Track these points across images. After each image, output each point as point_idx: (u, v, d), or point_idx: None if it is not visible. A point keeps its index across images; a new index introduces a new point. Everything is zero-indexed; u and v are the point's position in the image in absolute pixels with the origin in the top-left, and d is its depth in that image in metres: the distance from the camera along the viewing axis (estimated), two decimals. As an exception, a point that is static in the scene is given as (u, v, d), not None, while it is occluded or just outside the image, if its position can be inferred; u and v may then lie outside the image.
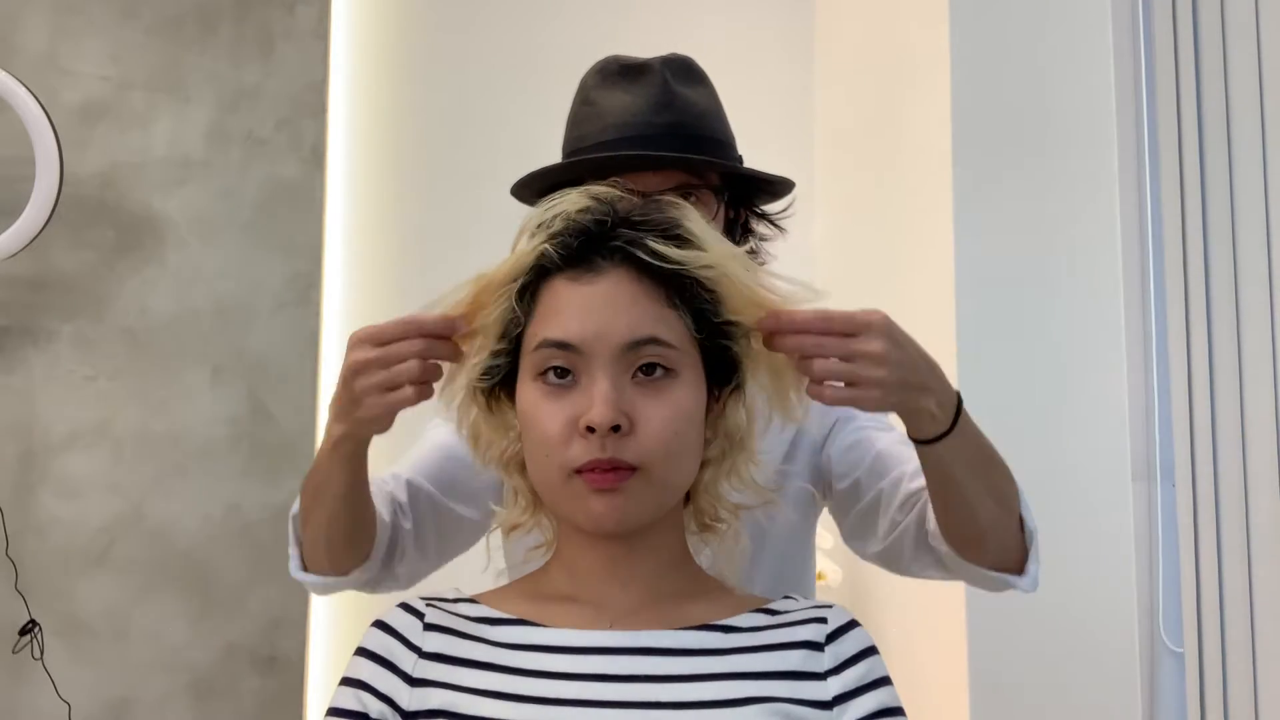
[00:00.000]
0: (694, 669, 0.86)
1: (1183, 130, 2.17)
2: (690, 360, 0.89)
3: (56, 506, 2.16)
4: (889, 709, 0.87)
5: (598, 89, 1.29)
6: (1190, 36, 2.17)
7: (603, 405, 0.84)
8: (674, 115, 1.23)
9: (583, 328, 0.86)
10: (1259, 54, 2.05)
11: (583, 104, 1.30)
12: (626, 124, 1.24)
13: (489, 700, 0.85)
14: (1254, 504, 1.99)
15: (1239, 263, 2.06)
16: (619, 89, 1.27)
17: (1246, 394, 2.02)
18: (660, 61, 1.27)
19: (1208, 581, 2.05)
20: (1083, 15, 2.29)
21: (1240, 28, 2.08)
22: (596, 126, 1.26)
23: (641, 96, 1.25)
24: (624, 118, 1.24)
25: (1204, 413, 2.08)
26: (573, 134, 1.29)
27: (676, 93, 1.25)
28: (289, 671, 2.23)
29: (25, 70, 2.13)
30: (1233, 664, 2.00)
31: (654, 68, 1.26)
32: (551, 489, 0.89)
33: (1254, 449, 2.00)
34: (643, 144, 1.22)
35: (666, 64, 1.27)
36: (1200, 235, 2.12)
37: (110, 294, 2.22)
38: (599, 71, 1.31)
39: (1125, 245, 2.25)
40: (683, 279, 0.88)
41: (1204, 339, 2.10)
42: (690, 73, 1.29)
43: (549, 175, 1.25)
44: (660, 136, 1.22)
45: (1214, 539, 2.05)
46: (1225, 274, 2.08)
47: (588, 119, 1.28)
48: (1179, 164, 2.17)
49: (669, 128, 1.23)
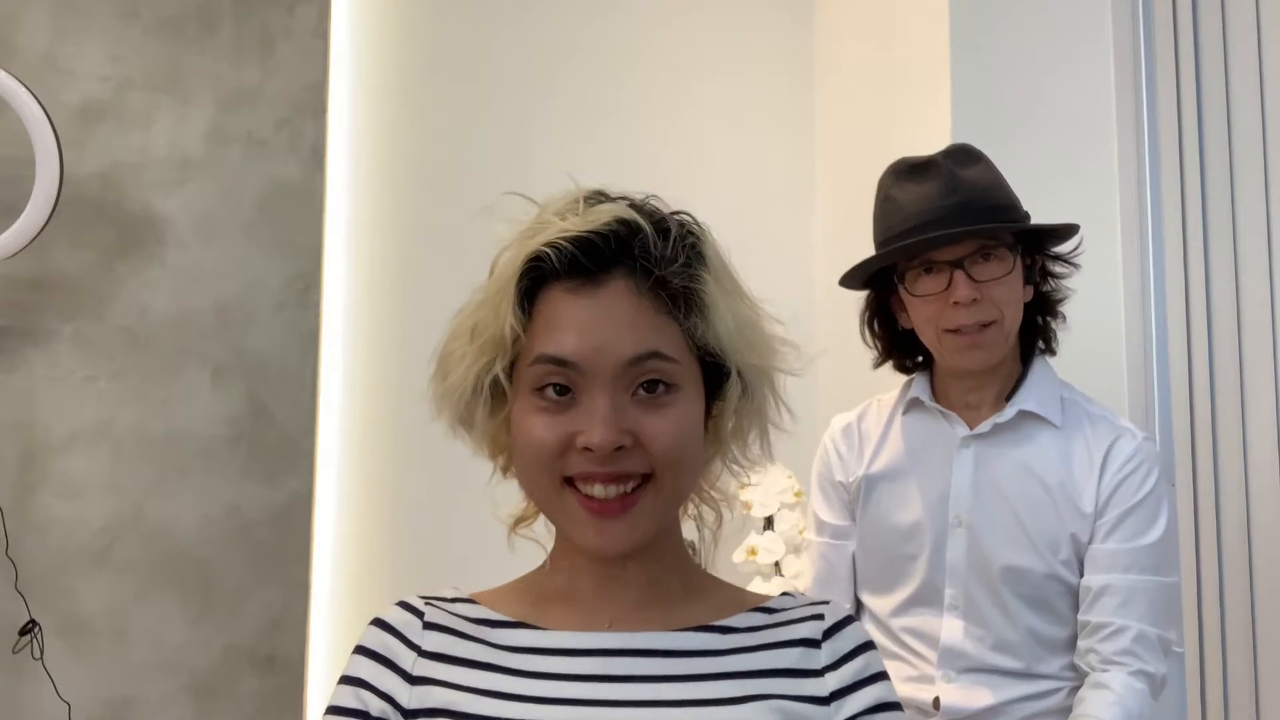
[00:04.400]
0: (692, 669, 0.86)
1: (1183, 130, 2.17)
2: (690, 373, 0.87)
3: (56, 506, 2.16)
4: (886, 703, 0.87)
5: (894, 186, 1.56)
6: (1190, 36, 2.17)
7: (603, 427, 0.82)
8: (961, 196, 1.51)
9: (582, 343, 0.84)
10: (1259, 53, 2.05)
11: (884, 201, 1.57)
12: (922, 211, 1.51)
13: (489, 700, 0.84)
14: (1254, 504, 1.99)
15: (1239, 263, 2.06)
16: (912, 183, 1.54)
17: (1246, 394, 2.02)
18: (942, 155, 1.55)
19: (1208, 581, 2.05)
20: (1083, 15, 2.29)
21: (1240, 27, 2.08)
22: (899, 218, 1.54)
23: (931, 186, 1.52)
24: (919, 205, 1.52)
25: (1204, 413, 2.08)
26: (880, 227, 1.57)
27: (960, 176, 1.52)
28: (289, 671, 2.23)
29: (25, 70, 2.13)
30: (1233, 664, 2.00)
31: (938, 161, 1.54)
32: (544, 501, 0.88)
33: (1254, 449, 2.00)
34: (938, 225, 1.49)
35: (948, 155, 1.55)
36: (1200, 235, 2.13)
37: (110, 294, 2.22)
38: (893, 173, 1.58)
39: (1125, 245, 2.25)
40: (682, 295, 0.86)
41: (1204, 339, 2.10)
42: (969, 156, 1.57)
43: (870, 265, 1.58)
44: (950, 216, 1.49)
45: (1214, 539, 2.05)
46: (1225, 274, 2.08)
47: (890, 213, 1.56)
48: (1179, 164, 2.17)
49: (958, 207, 1.50)
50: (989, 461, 1.58)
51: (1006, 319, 1.54)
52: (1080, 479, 1.54)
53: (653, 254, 0.85)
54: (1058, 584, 1.53)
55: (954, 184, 1.51)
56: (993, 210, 1.51)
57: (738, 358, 0.88)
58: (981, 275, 1.51)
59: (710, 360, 0.89)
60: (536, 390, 0.86)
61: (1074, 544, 1.53)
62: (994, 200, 1.53)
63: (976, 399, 1.61)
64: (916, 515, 1.60)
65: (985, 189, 1.53)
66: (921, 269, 1.54)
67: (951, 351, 1.57)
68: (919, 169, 1.55)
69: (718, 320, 0.87)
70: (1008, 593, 1.53)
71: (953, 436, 1.61)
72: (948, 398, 1.63)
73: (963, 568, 1.56)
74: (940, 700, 1.53)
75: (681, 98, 2.61)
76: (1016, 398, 1.59)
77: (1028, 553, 1.53)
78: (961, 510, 1.57)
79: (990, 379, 1.60)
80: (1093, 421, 1.58)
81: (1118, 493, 1.52)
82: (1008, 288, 1.53)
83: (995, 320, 1.53)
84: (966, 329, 1.53)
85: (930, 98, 2.22)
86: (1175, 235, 2.16)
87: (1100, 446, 1.55)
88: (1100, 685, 1.45)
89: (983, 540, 1.55)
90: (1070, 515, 1.53)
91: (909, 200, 1.53)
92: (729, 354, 0.88)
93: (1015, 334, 1.57)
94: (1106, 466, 1.53)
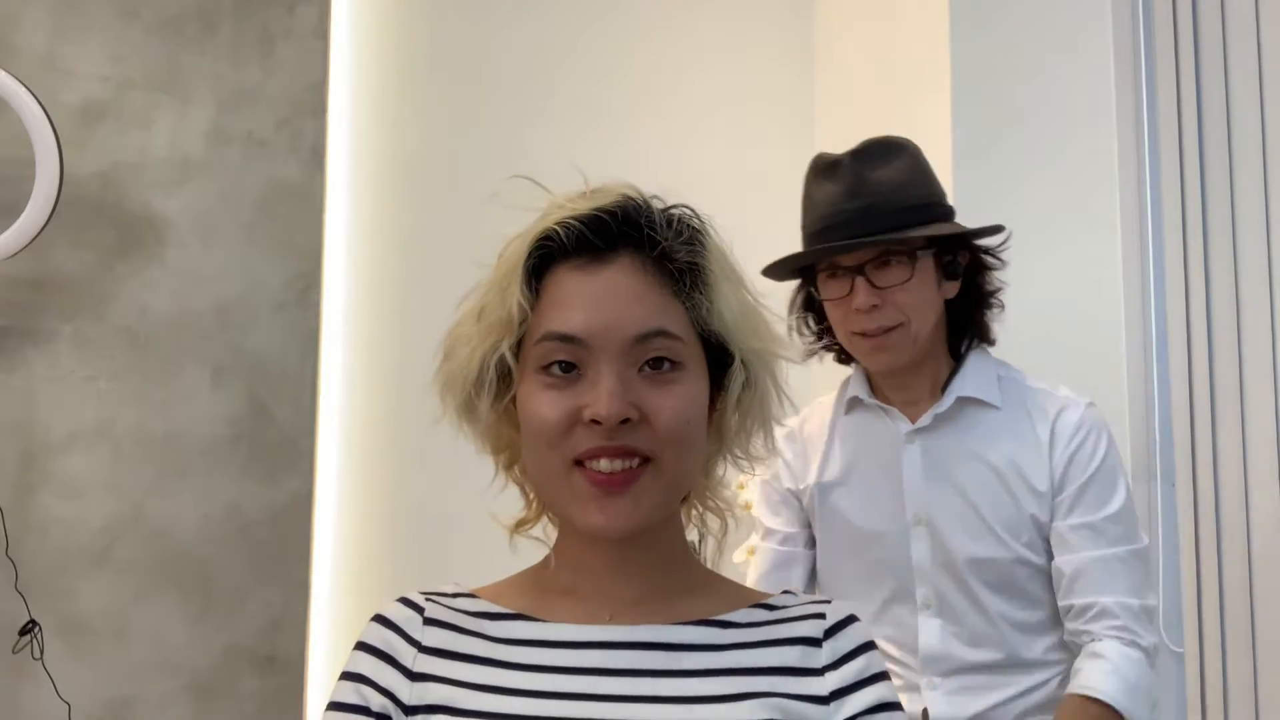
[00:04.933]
0: (692, 664, 0.86)
1: (1183, 130, 2.17)
2: (695, 353, 0.88)
3: (56, 506, 2.16)
4: (886, 704, 0.87)
5: (812, 183, 1.56)
6: (1190, 36, 2.18)
7: (610, 398, 0.83)
8: (865, 200, 1.49)
9: (589, 320, 0.85)
10: (1259, 53, 2.05)
11: (804, 198, 1.58)
12: (826, 215, 1.51)
13: (489, 695, 0.84)
14: (1254, 504, 1.99)
15: (1239, 262, 2.06)
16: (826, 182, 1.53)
17: (1246, 394, 2.02)
18: (851, 155, 1.53)
19: (1208, 581, 2.05)
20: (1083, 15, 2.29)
21: (1240, 27, 2.09)
22: (811, 217, 1.55)
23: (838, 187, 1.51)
24: (825, 208, 1.52)
25: (1204, 413, 2.08)
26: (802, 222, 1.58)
27: (865, 179, 1.50)
28: (289, 671, 2.23)
29: (25, 70, 2.13)
30: (1233, 664, 2.00)
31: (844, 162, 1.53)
32: (550, 482, 0.88)
33: (1254, 449, 2.00)
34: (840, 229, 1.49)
35: (858, 155, 1.53)
36: (1200, 235, 2.13)
37: (110, 294, 2.22)
38: (812, 169, 1.58)
39: (1125, 244, 2.25)
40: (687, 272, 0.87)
41: (1204, 339, 2.10)
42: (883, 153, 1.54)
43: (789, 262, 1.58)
44: (852, 220, 1.48)
45: (1214, 539, 2.05)
46: (1225, 274, 2.08)
47: (806, 210, 1.57)
48: (1179, 164, 2.17)
49: (860, 211, 1.48)
50: (937, 454, 1.57)
51: (913, 322, 1.52)
52: (1031, 458, 1.52)
53: (658, 229, 0.87)
54: (1025, 568, 1.52)
55: (859, 187, 1.50)
56: (899, 213, 1.49)
57: (741, 341, 0.89)
58: (883, 281, 1.50)
59: (714, 346, 0.89)
60: (543, 368, 0.86)
61: (1035, 525, 1.52)
62: (901, 203, 1.50)
63: (911, 395, 1.60)
64: (876, 519, 1.58)
65: (893, 191, 1.50)
66: (828, 274, 1.54)
67: (860, 354, 1.57)
68: (830, 168, 1.54)
69: (721, 301, 0.88)
70: (977, 584, 1.52)
71: (897, 433, 1.59)
72: (883, 393, 1.62)
73: (929, 566, 1.54)
74: (929, 712, 1.52)
75: (682, 97, 2.61)
76: (953, 386, 1.57)
77: (990, 541, 1.52)
78: (919, 508, 1.56)
79: (914, 376, 1.59)
80: (1033, 397, 1.57)
81: (1071, 467, 1.51)
82: (911, 293, 1.51)
83: (900, 324, 1.51)
84: (871, 333, 1.52)
85: (930, 98, 2.22)
86: (1175, 235, 2.16)
87: (1045, 422, 1.54)
88: (1096, 655, 1.44)
89: (944, 535, 1.54)
90: (1027, 497, 1.51)
91: (820, 200, 1.53)
92: (732, 336, 0.89)
93: (928, 334, 1.55)
94: (1055, 441, 1.52)
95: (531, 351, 0.87)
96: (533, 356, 0.87)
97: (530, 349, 0.87)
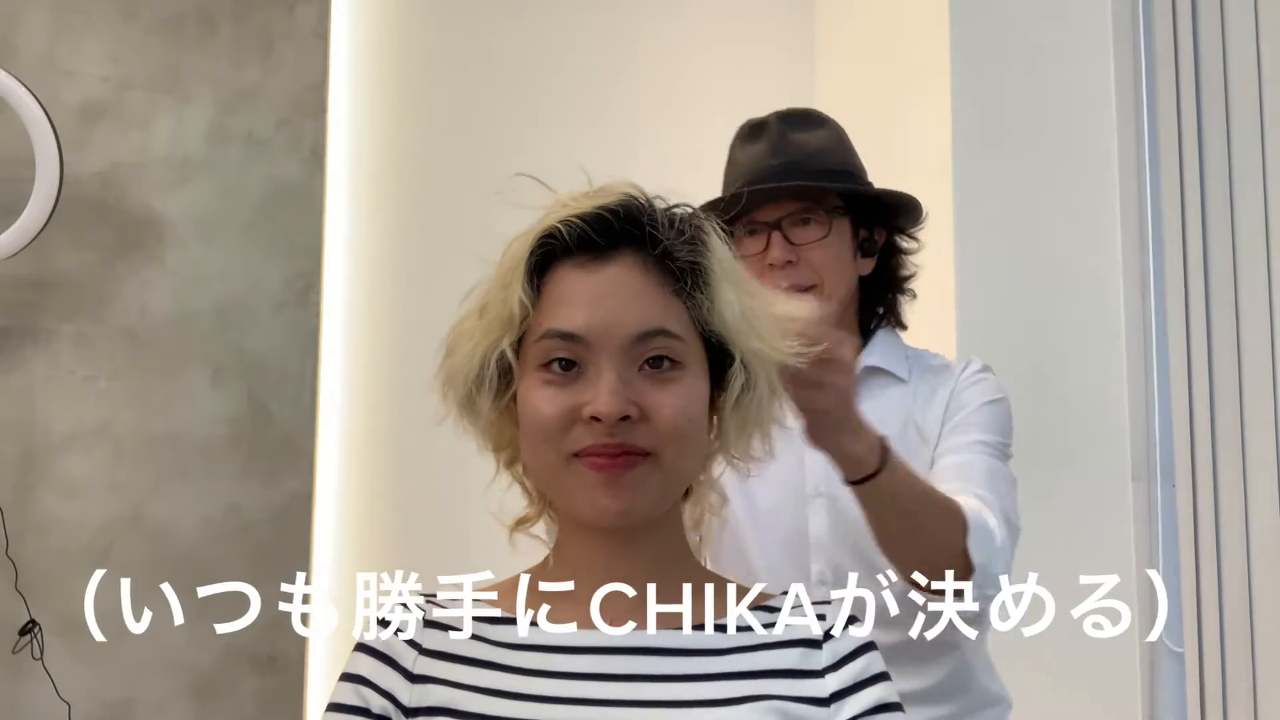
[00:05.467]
0: (692, 668, 0.86)
1: (1183, 130, 2.17)
2: (695, 352, 0.88)
3: (56, 506, 2.16)
4: (886, 704, 0.87)
5: (735, 147, 1.55)
6: (1190, 36, 2.18)
7: (609, 395, 0.83)
8: (787, 157, 1.47)
9: (589, 318, 0.85)
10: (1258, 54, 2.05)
11: (727, 162, 1.55)
12: (749, 171, 1.49)
13: (489, 698, 0.84)
14: (1254, 504, 1.99)
15: (1239, 263, 2.06)
16: (748, 145, 1.52)
17: (1246, 394, 2.02)
18: (777, 116, 1.52)
19: (1207, 581, 2.05)
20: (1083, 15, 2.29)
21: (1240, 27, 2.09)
22: (731, 177, 1.52)
23: (761, 146, 1.50)
24: (748, 166, 1.50)
25: (1204, 413, 2.08)
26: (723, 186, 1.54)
27: (789, 139, 1.49)
28: (289, 671, 2.23)
29: (25, 70, 2.13)
30: (1232, 664, 2.00)
31: (770, 122, 1.51)
32: (550, 476, 0.88)
33: (1254, 449, 2.00)
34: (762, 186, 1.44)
35: (781, 117, 1.52)
36: (1200, 235, 2.13)
37: (110, 294, 2.22)
38: (737, 135, 1.56)
39: (1125, 245, 2.25)
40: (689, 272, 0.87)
41: (1204, 339, 2.10)
42: (808, 120, 1.53)
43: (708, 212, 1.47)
44: (772, 176, 1.46)
45: (1214, 539, 2.05)
46: (1225, 274, 2.08)
47: (727, 173, 1.54)
48: (1179, 164, 2.17)
49: (782, 168, 1.47)
50: None
51: (826, 285, 1.47)
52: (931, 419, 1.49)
53: (660, 228, 0.88)
54: None
55: (782, 146, 1.49)
56: (821, 174, 1.48)
57: (741, 341, 0.89)
58: (799, 238, 1.46)
59: (715, 346, 0.89)
60: (543, 366, 0.86)
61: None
62: (823, 164, 1.49)
63: None
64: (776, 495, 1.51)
65: (816, 152, 1.49)
66: (746, 231, 1.48)
67: None
68: (755, 130, 1.53)
69: (722, 300, 0.88)
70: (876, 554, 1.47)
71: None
72: None
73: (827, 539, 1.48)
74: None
75: (682, 97, 2.61)
76: (861, 356, 1.52)
77: None
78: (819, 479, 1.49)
79: None
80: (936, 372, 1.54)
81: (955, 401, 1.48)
82: (827, 252, 1.47)
83: (814, 285, 1.46)
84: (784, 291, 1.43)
85: (930, 98, 2.22)
86: (1175, 235, 2.16)
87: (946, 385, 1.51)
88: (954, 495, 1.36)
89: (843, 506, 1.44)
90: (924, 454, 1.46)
91: (742, 160, 1.52)
92: (733, 336, 0.89)
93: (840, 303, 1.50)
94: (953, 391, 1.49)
95: (532, 349, 0.88)
96: (533, 354, 0.87)
97: (531, 346, 0.88)
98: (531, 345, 0.88)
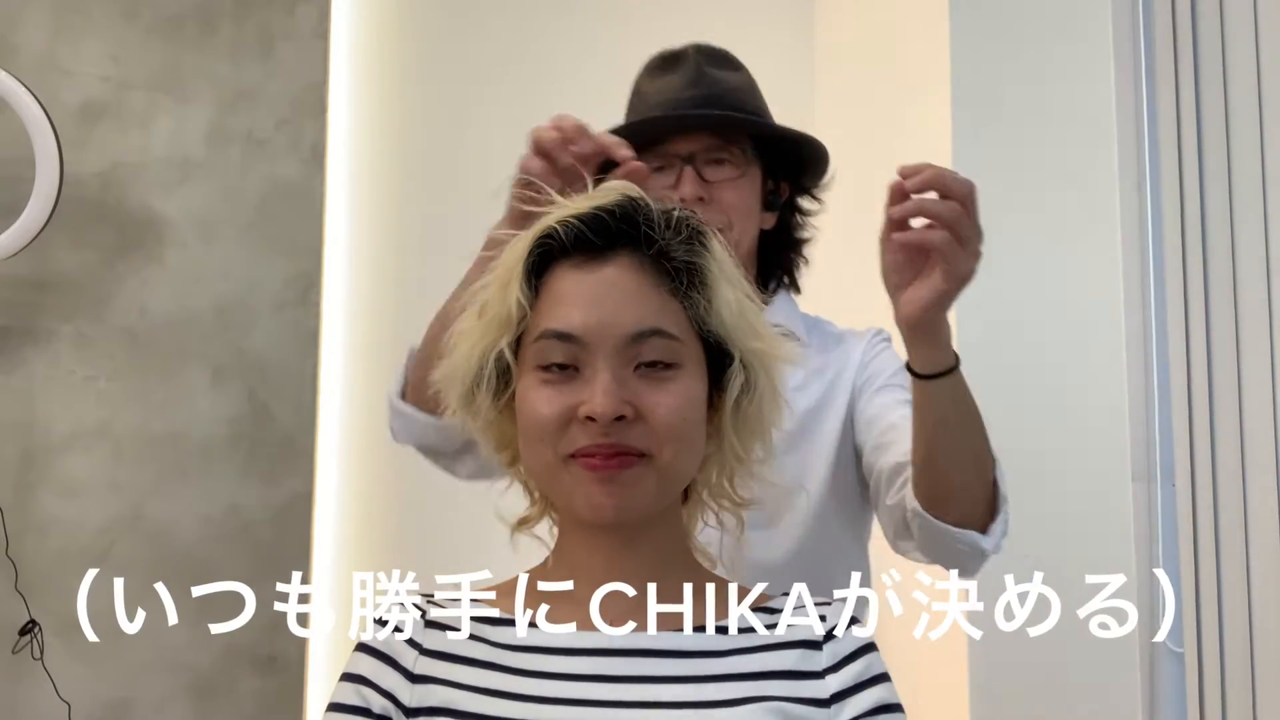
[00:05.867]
0: (692, 670, 0.86)
1: (1182, 130, 2.17)
2: (693, 353, 0.88)
3: (56, 506, 2.16)
4: (887, 705, 0.87)
5: (644, 79, 1.46)
6: (1190, 36, 2.17)
7: (605, 396, 0.83)
8: (704, 89, 1.40)
9: (586, 318, 0.86)
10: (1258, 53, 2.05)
11: (633, 94, 1.46)
12: (661, 102, 1.40)
13: (489, 699, 0.84)
14: (1254, 504, 1.99)
15: (1239, 262, 2.06)
16: (660, 76, 1.44)
17: (1246, 394, 2.02)
18: (693, 48, 1.45)
19: (1207, 581, 2.05)
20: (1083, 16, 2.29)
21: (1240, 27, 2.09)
22: (639, 110, 1.43)
23: (676, 78, 1.42)
24: (660, 96, 1.41)
25: (1204, 413, 2.08)
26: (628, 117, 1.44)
27: (706, 72, 1.42)
28: (289, 671, 2.23)
29: (25, 70, 2.13)
30: (1232, 664, 2.00)
31: (687, 53, 1.44)
32: (548, 476, 0.88)
33: (1254, 449, 2.00)
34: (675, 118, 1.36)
35: (698, 50, 1.45)
36: (1200, 235, 2.12)
37: (110, 294, 2.22)
38: (645, 68, 1.47)
39: (1125, 245, 2.25)
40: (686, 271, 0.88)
41: (1204, 339, 2.10)
42: (725, 60, 1.47)
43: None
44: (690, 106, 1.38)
45: (1214, 539, 2.05)
46: (1225, 274, 2.08)
47: (634, 107, 1.45)
48: (1179, 164, 2.17)
49: (699, 99, 1.39)
50: None
51: (736, 228, 1.40)
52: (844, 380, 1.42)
53: (657, 228, 0.88)
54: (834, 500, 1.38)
55: (699, 78, 1.42)
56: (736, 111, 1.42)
57: (740, 341, 0.89)
58: (712, 176, 1.40)
59: (713, 346, 0.89)
60: (541, 366, 0.87)
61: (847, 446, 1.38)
62: (739, 102, 1.43)
63: None
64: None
65: (734, 89, 1.44)
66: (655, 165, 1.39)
67: None
68: (669, 61, 1.45)
69: (719, 300, 0.88)
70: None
71: None
72: None
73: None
74: None
75: (681, 98, 2.61)
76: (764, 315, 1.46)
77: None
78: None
79: None
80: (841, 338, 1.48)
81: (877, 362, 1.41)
82: (738, 192, 1.41)
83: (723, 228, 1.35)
84: None
85: (930, 98, 2.22)
86: (1175, 235, 2.16)
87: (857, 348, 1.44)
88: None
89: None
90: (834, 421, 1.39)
91: (652, 91, 1.44)
92: (731, 336, 0.89)
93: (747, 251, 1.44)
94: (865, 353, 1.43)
95: (530, 349, 0.88)
96: (531, 354, 0.88)
97: (529, 346, 0.88)
98: (529, 345, 0.88)
